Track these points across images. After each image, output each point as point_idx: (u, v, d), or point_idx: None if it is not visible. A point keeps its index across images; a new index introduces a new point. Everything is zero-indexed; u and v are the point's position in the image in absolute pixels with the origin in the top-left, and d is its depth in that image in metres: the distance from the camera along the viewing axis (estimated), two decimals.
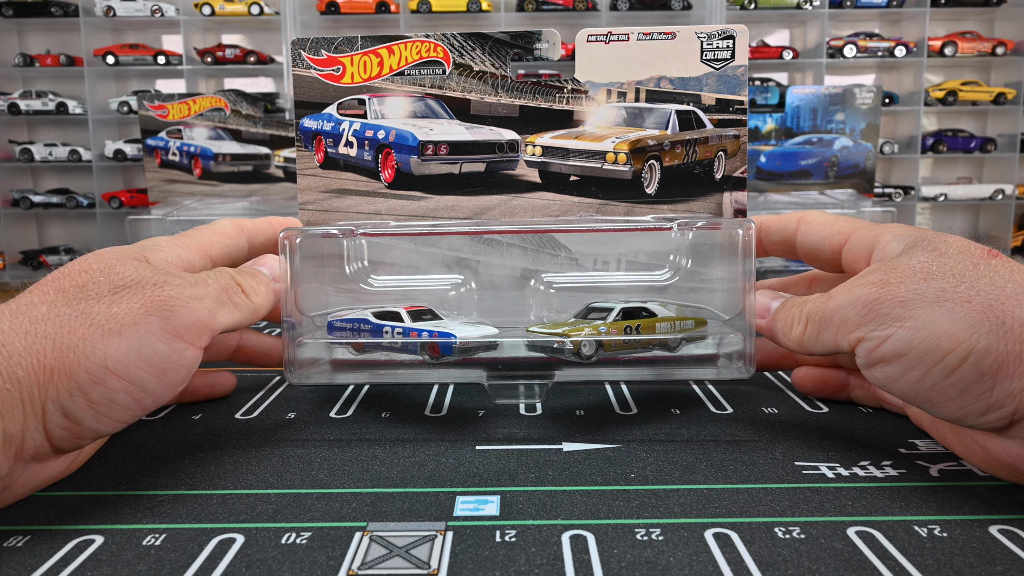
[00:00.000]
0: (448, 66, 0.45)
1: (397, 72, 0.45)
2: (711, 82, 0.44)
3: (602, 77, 0.44)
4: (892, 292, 0.31)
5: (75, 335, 0.30)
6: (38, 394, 0.29)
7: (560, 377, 0.42)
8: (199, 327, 0.33)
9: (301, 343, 0.42)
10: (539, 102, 0.45)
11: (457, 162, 0.45)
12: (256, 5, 2.69)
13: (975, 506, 0.31)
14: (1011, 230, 2.95)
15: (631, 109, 0.45)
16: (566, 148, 0.45)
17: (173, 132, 1.33)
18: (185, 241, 0.38)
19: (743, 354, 0.41)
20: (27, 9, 2.70)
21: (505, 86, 0.45)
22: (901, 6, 2.80)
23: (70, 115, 2.77)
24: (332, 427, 0.41)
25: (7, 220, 2.82)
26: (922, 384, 0.31)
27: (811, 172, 1.40)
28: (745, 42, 0.43)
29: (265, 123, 1.32)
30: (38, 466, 0.31)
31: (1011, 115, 2.90)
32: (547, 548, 0.28)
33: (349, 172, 0.47)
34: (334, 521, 0.30)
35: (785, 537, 0.28)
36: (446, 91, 0.45)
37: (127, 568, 0.27)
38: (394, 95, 0.45)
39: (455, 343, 0.40)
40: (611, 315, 0.41)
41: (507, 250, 0.43)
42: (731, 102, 0.44)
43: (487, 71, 0.45)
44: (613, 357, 0.42)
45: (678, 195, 0.45)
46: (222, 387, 0.46)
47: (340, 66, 0.44)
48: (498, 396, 0.42)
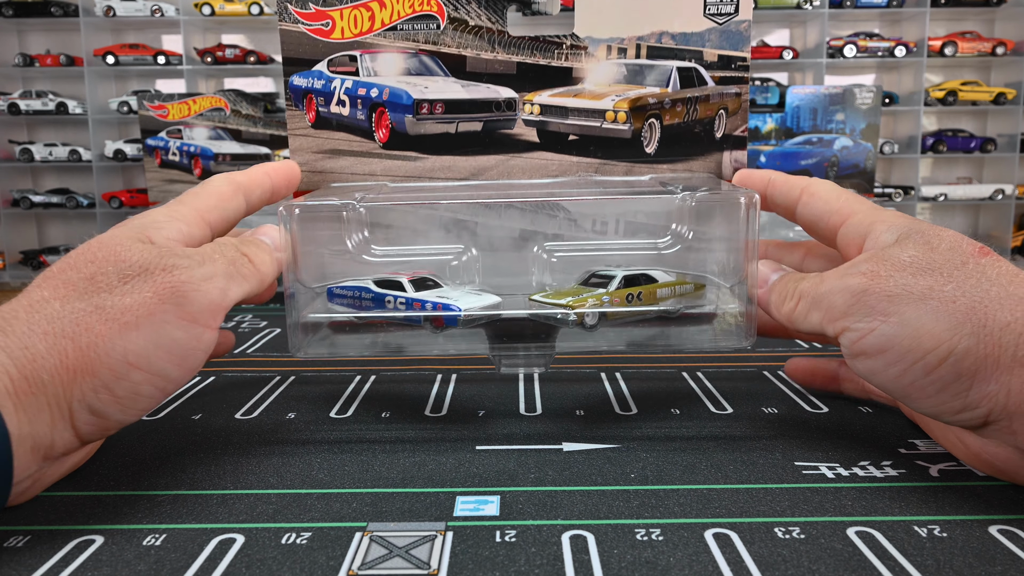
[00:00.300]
0: (443, 20, 0.43)
1: (389, 27, 0.43)
2: (713, 38, 0.43)
3: (602, 32, 0.43)
4: (881, 285, 0.32)
5: (93, 332, 0.29)
6: (63, 395, 0.29)
7: (561, 347, 0.41)
8: (213, 308, 0.33)
9: (305, 317, 0.41)
10: (537, 59, 0.44)
11: (453, 121, 0.44)
12: (256, 5, 2.69)
13: (975, 506, 0.31)
14: (1011, 230, 2.95)
15: (631, 66, 0.44)
16: (565, 107, 0.44)
17: (173, 132, 1.33)
18: (182, 211, 0.37)
19: (743, 327, 0.40)
20: (27, 9, 2.70)
21: (502, 42, 0.44)
22: (901, 6, 2.80)
23: (70, 115, 2.77)
24: (332, 427, 0.41)
25: (7, 220, 2.82)
26: (902, 380, 0.31)
27: (811, 172, 1.40)
28: None
29: (265, 123, 1.32)
30: (64, 458, 0.32)
31: (1011, 115, 2.90)
32: (547, 548, 0.28)
33: (342, 132, 0.45)
34: (334, 521, 0.30)
35: (785, 537, 0.28)
36: (441, 47, 0.44)
37: (127, 568, 0.27)
38: (387, 51, 0.44)
39: (460, 315, 0.40)
40: (613, 283, 0.41)
41: (505, 211, 0.41)
42: (733, 59, 0.43)
43: (483, 26, 0.44)
44: (613, 325, 0.41)
45: (678, 154, 0.45)
46: (223, 347, 0.43)
47: (329, 20, 0.43)
48: (503, 365, 0.42)
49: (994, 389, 0.29)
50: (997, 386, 0.29)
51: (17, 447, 0.28)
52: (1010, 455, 0.31)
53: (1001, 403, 0.29)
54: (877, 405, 0.43)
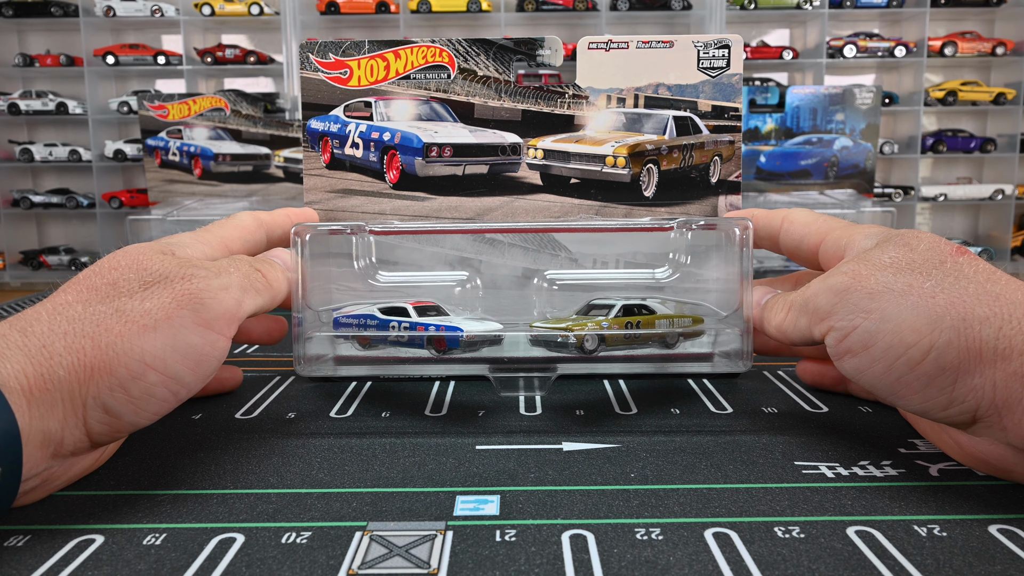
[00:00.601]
0: (453, 71, 0.45)
1: (403, 76, 0.46)
2: (707, 89, 0.45)
3: (602, 83, 0.45)
4: (863, 283, 0.33)
5: (112, 333, 0.31)
6: (79, 392, 0.30)
7: (563, 370, 0.43)
8: (228, 316, 0.34)
9: (310, 337, 0.43)
10: (541, 107, 0.46)
11: (461, 164, 0.46)
12: (256, 5, 2.69)
13: (975, 506, 0.31)
14: (1011, 230, 2.95)
15: (630, 114, 0.46)
16: (567, 152, 0.46)
17: (173, 132, 1.33)
18: (207, 237, 0.39)
19: (740, 351, 0.42)
20: (27, 9, 2.70)
21: (508, 91, 0.46)
22: (901, 6, 2.80)
23: (70, 115, 2.77)
24: (332, 426, 0.41)
25: (7, 220, 2.82)
26: (888, 376, 0.32)
27: (811, 172, 1.40)
28: (740, 51, 0.45)
29: (265, 123, 1.32)
30: (73, 459, 0.32)
31: (1011, 115, 2.90)
32: (547, 548, 0.28)
33: (355, 173, 0.48)
34: (334, 521, 0.30)
35: (785, 537, 0.28)
36: (451, 95, 0.46)
37: (127, 568, 0.27)
38: (400, 98, 0.46)
39: (462, 336, 0.41)
40: (612, 311, 0.42)
41: (509, 250, 0.44)
42: (726, 109, 0.46)
43: (491, 76, 0.46)
44: (613, 355, 0.43)
45: (675, 198, 0.47)
46: (231, 382, 0.46)
47: (347, 69, 0.45)
48: (503, 389, 0.43)
49: (979, 383, 0.30)
50: (982, 379, 0.30)
51: (27, 443, 0.28)
52: (1004, 452, 0.32)
53: (988, 397, 0.30)
54: (877, 405, 0.43)
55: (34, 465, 0.29)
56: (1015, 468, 0.32)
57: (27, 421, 0.28)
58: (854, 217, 1.17)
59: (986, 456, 0.33)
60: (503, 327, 0.42)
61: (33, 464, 0.29)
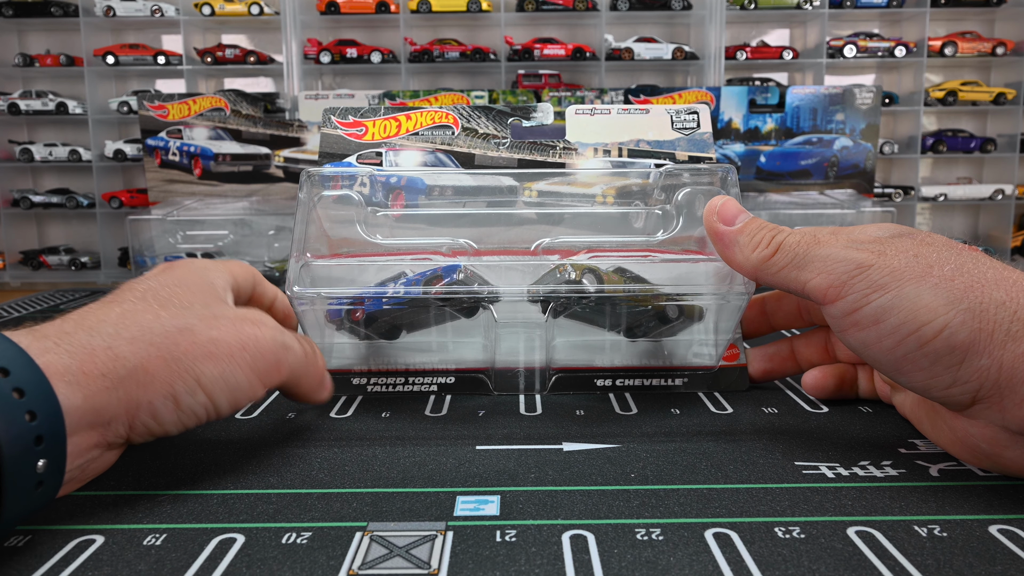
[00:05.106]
0: (456, 129, 0.51)
1: (412, 133, 0.51)
2: (683, 144, 0.50)
3: (589, 139, 0.50)
4: (886, 262, 0.33)
5: (179, 349, 0.32)
6: (136, 394, 0.31)
7: (558, 360, 0.42)
8: (275, 373, 0.36)
9: (304, 313, 0.45)
10: (535, 156, 0.50)
11: (461, 202, 0.50)
12: (256, 5, 2.68)
13: (975, 506, 0.31)
14: (1011, 230, 2.95)
15: (616, 163, 0.50)
16: (559, 192, 0.50)
17: (173, 132, 1.33)
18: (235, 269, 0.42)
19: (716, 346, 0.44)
20: (27, 9, 2.70)
21: (506, 145, 0.50)
22: (901, 6, 2.80)
23: (70, 115, 2.77)
24: (332, 427, 0.41)
25: (7, 220, 2.82)
26: (895, 352, 0.32)
27: (811, 172, 1.40)
28: (707, 116, 0.51)
29: (265, 123, 1.32)
30: (107, 454, 0.33)
31: (1011, 115, 2.89)
32: (547, 548, 0.28)
33: None
34: (334, 521, 0.30)
35: (785, 537, 0.28)
36: (454, 147, 0.51)
37: (128, 568, 0.27)
38: (408, 149, 0.51)
39: (460, 266, 0.43)
40: (608, 267, 0.45)
41: (505, 273, 0.45)
42: (701, 158, 0.50)
43: (490, 133, 0.51)
44: (613, 295, 0.44)
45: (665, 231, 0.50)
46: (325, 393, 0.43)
47: (364, 127, 0.51)
48: (499, 388, 0.44)
49: (986, 364, 0.30)
50: (989, 360, 0.30)
51: (77, 426, 0.29)
52: (996, 435, 0.32)
53: (993, 378, 0.30)
54: (878, 405, 0.43)
55: (83, 449, 0.30)
56: (1004, 452, 0.32)
57: (78, 404, 0.29)
58: (854, 217, 1.17)
59: (978, 439, 0.33)
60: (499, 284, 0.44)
61: (82, 447, 0.30)
